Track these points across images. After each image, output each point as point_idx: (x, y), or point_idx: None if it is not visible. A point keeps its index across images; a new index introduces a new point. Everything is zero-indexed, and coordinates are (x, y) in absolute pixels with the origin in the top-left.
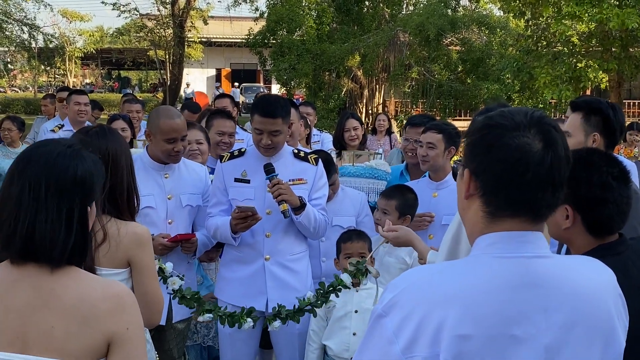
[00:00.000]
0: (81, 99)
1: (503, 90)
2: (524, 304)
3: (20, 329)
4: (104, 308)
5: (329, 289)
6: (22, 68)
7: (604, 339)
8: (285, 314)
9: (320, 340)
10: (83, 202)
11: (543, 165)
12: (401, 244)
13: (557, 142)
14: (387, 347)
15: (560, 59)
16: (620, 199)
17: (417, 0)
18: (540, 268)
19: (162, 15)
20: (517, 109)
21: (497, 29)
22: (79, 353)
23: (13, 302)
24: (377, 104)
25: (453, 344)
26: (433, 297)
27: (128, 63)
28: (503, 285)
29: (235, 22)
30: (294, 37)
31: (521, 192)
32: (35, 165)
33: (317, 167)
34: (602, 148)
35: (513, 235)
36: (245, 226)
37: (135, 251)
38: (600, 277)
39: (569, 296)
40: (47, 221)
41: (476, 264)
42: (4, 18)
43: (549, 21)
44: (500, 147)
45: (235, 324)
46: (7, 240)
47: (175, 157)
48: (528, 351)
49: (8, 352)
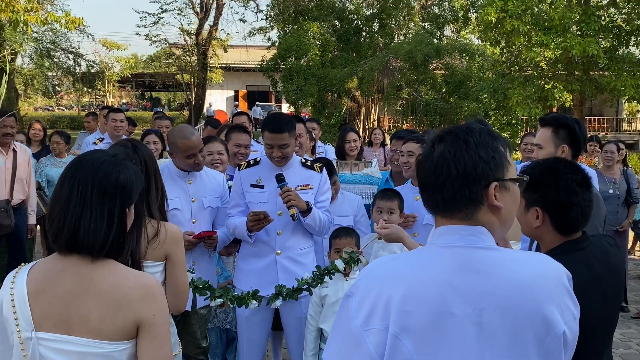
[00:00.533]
0: (118, 116)
1: (481, 108)
2: (464, 286)
3: (64, 313)
4: (135, 295)
5: (324, 272)
6: (67, 90)
7: (537, 324)
8: (285, 292)
9: (316, 323)
10: (123, 204)
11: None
12: (393, 239)
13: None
14: (350, 322)
15: (531, 81)
16: (583, 202)
17: (407, 31)
18: (482, 257)
19: (188, 44)
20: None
21: (476, 55)
22: (113, 334)
23: (59, 289)
24: (372, 120)
25: (399, 317)
26: (385, 278)
27: (158, 85)
28: (447, 269)
29: (250, 50)
30: (301, 63)
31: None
32: (84, 170)
33: (322, 174)
34: (569, 158)
35: (456, 228)
36: (259, 227)
37: (172, 247)
38: (542, 271)
39: (507, 284)
40: (91, 218)
41: (426, 252)
42: (52, 47)
43: (521, 49)
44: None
45: (242, 305)
46: (56, 233)
47: (197, 167)
48: (464, 327)
49: (54, 333)
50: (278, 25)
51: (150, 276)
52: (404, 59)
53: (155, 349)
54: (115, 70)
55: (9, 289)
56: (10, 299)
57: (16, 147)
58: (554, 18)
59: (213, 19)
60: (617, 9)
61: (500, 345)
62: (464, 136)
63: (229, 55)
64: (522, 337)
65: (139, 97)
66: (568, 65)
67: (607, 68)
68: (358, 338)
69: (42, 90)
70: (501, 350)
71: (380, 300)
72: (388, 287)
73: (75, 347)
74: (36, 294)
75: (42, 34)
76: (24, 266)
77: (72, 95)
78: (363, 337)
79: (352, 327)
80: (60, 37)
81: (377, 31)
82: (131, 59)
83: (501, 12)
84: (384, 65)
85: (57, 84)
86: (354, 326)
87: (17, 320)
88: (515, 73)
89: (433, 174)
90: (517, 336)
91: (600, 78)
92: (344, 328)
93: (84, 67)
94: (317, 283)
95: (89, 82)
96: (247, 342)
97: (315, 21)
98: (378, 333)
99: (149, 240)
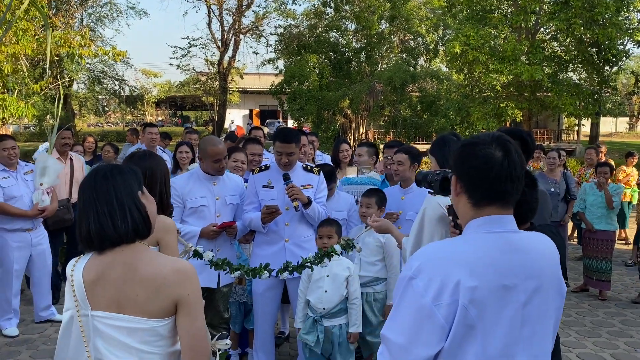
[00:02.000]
0: (153, 130)
1: (448, 123)
2: (509, 263)
3: (115, 296)
4: (173, 279)
5: (324, 254)
6: (114, 110)
7: (558, 285)
8: (292, 267)
9: (305, 295)
10: (132, 194)
11: (503, 167)
12: (382, 231)
13: (511, 150)
14: (420, 300)
15: (488, 101)
16: (530, 200)
17: (389, 61)
18: (516, 239)
19: (211, 72)
20: (483, 133)
21: (444, 80)
22: (156, 313)
23: (109, 276)
24: (361, 133)
25: (467, 292)
26: (450, 262)
27: (188, 105)
28: (493, 251)
29: (262, 76)
30: (303, 87)
31: (490, 186)
32: (90, 181)
33: (319, 176)
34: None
35: (493, 218)
36: (271, 219)
37: (162, 234)
38: (548, 244)
39: (536, 257)
40: (106, 214)
41: (475, 238)
42: (102, 75)
43: (480, 75)
44: (473, 158)
45: (256, 275)
46: (87, 240)
47: (221, 172)
48: (515, 295)
49: (107, 312)
50: (284, 57)
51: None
52: (386, 84)
53: (191, 322)
54: (152, 94)
55: (70, 276)
56: (71, 284)
57: (72, 155)
58: (507, 50)
59: (232, 51)
60: (557, 42)
61: (537, 306)
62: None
63: (245, 81)
64: (550, 297)
65: (172, 115)
66: (518, 88)
67: (550, 90)
68: (429, 312)
69: (93, 110)
70: (537, 309)
71: (449, 280)
72: (454, 270)
73: (126, 323)
74: (91, 281)
75: (93, 65)
76: (82, 257)
77: (118, 114)
78: (433, 311)
79: (423, 303)
80: (108, 67)
81: (364, 61)
82: (165, 84)
83: (464, 45)
84: (370, 88)
85: (106, 105)
86: (425, 302)
87: (76, 302)
88: (476, 94)
89: (514, 171)
90: (546, 298)
91: (545, 98)
92: (412, 305)
93: (127, 91)
94: (318, 262)
95: (132, 103)
96: (261, 313)
97: (314, 53)
98: (447, 307)
99: None
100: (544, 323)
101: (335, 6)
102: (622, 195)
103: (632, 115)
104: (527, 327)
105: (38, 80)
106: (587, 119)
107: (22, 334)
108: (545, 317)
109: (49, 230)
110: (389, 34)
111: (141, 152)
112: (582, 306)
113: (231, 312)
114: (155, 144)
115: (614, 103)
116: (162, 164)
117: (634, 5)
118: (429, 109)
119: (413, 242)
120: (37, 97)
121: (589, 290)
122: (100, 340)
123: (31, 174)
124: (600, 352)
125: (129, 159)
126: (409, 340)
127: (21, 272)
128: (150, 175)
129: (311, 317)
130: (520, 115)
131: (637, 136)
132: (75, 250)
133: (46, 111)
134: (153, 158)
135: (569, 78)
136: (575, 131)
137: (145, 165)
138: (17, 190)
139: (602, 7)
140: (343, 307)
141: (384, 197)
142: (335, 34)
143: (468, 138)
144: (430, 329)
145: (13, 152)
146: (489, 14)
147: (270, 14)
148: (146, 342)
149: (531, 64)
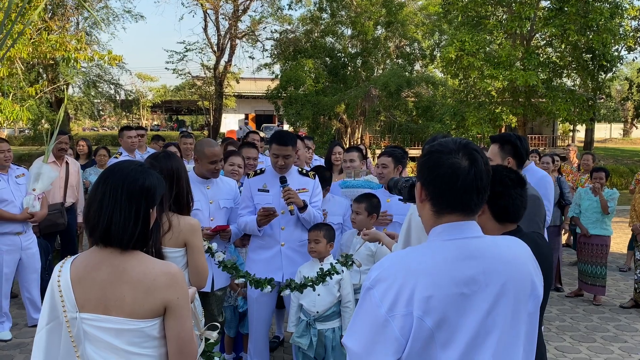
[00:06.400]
0: (130, 133)
1: (443, 128)
2: (467, 270)
3: (102, 297)
4: (162, 282)
5: (326, 273)
6: (109, 114)
7: (528, 290)
8: (294, 286)
9: (298, 300)
10: (147, 206)
11: (469, 177)
12: (372, 240)
13: (478, 160)
14: (375, 310)
15: (483, 106)
16: (514, 194)
17: (384, 66)
18: (476, 245)
19: (207, 77)
20: (450, 138)
21: (439, 85)
22: (144, 314)
23: (97, 277)
24: (357, 138)
25: (421, 303)
26: (406, 272)
27: (184, 110)
28: (452, 258)
29: (258, 81)
30: (299, 92)
31: (455, 196)
32: (115, 177)
33: (314, 180)
34: (515, 168)
35: (454, 225)
36: (267, 221)
37: (189, 236)
38: (519, 248)
39: (499, 262)
40: (121, 216)
41: (432, 247)
42: (97, 79)
43: (475, 80)
44: (439, 166)
45: (259, 287)
46: (93, 229)
47: (216, 174)
48: (476, 303)
49: (94, 314)
50: (280, 62)
51: (174, 265)
52: (381, 89)
53: (180, 325)
54: (148, 98)
55: (57, 277)
56: (58, 285)
57: (68, 160)
58: (502, 55)
59: (228, 56)
60: (552, 48)
61: (503, 312)
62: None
63: (241, 86)
64: (520, 302)
65: (167, 119)
66: (513, 93)
67: (544, 96)
68: (384, 323)
69: (89, 114)
70: (503, 316)
71: (403, 290)
72: (410, 279)
73: (113, 324)
74: (78, 282)
75: (89, 69)
76: (69, 258)
77: (113, 118)
78: (388, 322)
79: (378, 314)
80: (103, 71)
81: (360, 66)
82: (161, 88)
83: (459, 51)
84: (366, 93)
85: (101, 109)
86: (379, 313)
87: (63, 303)
88: (471, 100)
89: (480, 182)
90: (514, 304)
91: (539, 104)
92: (368, 316)
93: (123, 96)
94: (320, 282)
95: (127, 107)
96: (256, 318)
97: (310, 58)
98: (402, 318)
99: (164, 231)
100: (514, 329)
101: (331, 11)
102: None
103: (626, 121)
104: (493, 335)
105: (33, 84)
106: (582, 125)
107: (15, 338)
108: (515, 323)
109: (42, 234)
110: (384, 39)
111: (163, 152)
112: (577, 311)
113: (225, 317)
114: (135, 147)
115: (609, 109)
116: (183, 163)
117: (627, 12)
118: (424, 114)
119: (401, 248)
120: (32, 101)
121: (583, 295)
122: (89, 343)
123: (23, 178)
124: (594, 357)
125: (152, 159)
126: (365, 350)
127: (11, 275)
128: (177, 176)
129: (304, 321)
130: (515, 121)
131: (631, 142)
132: (68, 255)
133: (41, 115)
134: (175, 159)
135: (563, 84)
136: (570, 137)
137: (172, 165)
138: (8, 194)
139: (596, 13)
140: (336, 310)
141: (376, 204)
142: (331, 39)
143: (435, 144)
144: (385, 340)
145: (7, 155)
146: (484, 20)
147: (267, 18)
148: (134, 343)
149: (526, 69)
